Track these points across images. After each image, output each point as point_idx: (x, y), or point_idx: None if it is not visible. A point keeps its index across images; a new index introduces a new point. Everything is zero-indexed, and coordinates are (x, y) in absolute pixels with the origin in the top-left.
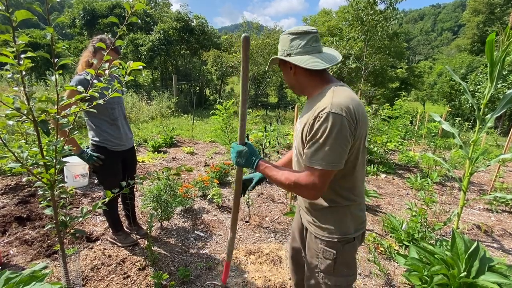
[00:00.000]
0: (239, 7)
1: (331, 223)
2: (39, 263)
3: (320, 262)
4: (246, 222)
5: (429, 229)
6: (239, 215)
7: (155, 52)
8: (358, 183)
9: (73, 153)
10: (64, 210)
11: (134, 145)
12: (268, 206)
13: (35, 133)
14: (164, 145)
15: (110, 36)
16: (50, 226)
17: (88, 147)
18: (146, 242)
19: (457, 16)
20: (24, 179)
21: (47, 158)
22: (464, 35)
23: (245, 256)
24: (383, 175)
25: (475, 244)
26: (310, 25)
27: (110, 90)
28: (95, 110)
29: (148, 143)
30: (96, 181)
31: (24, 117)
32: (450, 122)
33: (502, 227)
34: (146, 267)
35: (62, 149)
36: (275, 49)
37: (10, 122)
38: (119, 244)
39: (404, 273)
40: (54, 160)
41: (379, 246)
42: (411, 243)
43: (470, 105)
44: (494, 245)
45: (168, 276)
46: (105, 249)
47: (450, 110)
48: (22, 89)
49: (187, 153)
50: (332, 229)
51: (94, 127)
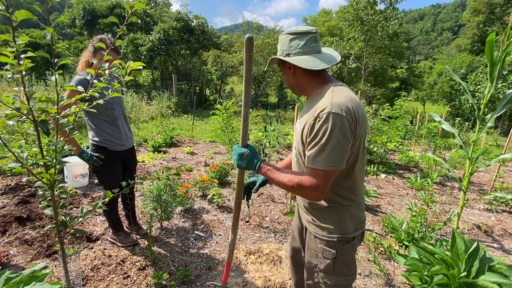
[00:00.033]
0: (239, 7)
1: (331, 223)
2: (39, 263)
3: (319, 261)
4: (246, 222)
5: (429, 229)
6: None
7: (155, 52)
8: (358, 183)
9: (73, 153)
10: (64, 210)
11: (134, 145)
12: (268, 206)
13: (35, 133)
14: (164, 145)
15: (110, 36)
16: (50, 226)
17: (88, 147)
18: (146, 242)
19: (457, 16)
20: (24, 179)
21: (47, 158)
22: (464, 35)
23: (245, 256)
24: (383, 175)
25: (475, 244)
26: (310, 25)
27: (110, 90)
28: (95, 110)
29: (148, 143)
30: (96, 181)
31: (24, 117)
32: (450, 122)
33: (502, 227)
34: (146, 267)
35: (62, 149)
36: (275, 49)
37: (10, 122)
38: (119, 244)
39: (404, 273)
40: (54, 160)
41: (379, 246)
42: (411, 243)
43: (470, 105)
44: (494, 245)
45: (168, 276)
46: (105, 249)
47: (450, 110)
48: (22, 89)
49: (187, 153)
50: (331, 228)
51: (94, 127)
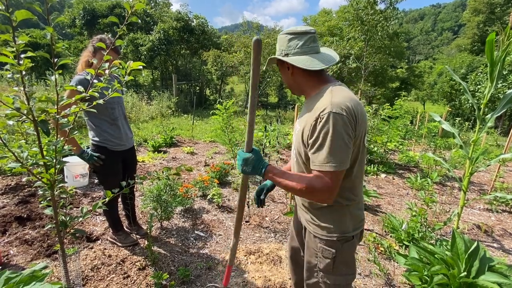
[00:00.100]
0: (239, 7)
1: (330, 222)
2: (39, 263)
3: (319, 261)
4: (246, 222)
5: (429, 229)
6: None
7: (155, 52)
8: (357, 183)
9: (73, 153)
10: (64, 210)
11: (134, 145)
12: (268, 206)
13: (35, 133)
14: (164, 145)
15: (110, 36)
16: (50, 226)
17: (88, 147)
18: (146, 242)
19: (457, 16)
20: (24, 179)
21: (47, 158)
22: (464, 35)
23: (245, 256)
24: (383, 175)
25: (475, 244)
26: (310, 25)
27: (110, 90)
28: (95, 110)
29: (148, 143)
30: (96, 181)
31: (24, 117)
32: (450, 122)
33: (502, 227)
34: (146, 267)
35: (62, 149)
36: (275, 49)
37: (10, 122)
38: (119, 244)
39: (404, 273)
40: (54, 160)
41: (379, 246)
42: (411, 243)
43: (470, 105)
44: (494, 245)
45: (168, 276)
46: (105, 249)
47: (450, 110)
48: (22, 89)
49: (187, 153)
50: (331, 228)
51: (94, 127)
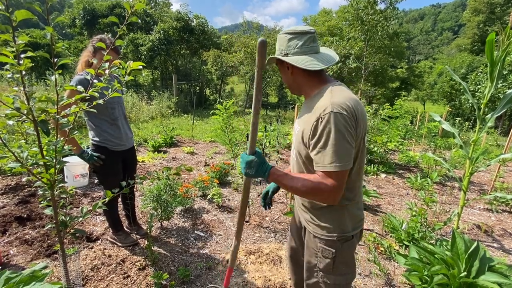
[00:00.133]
0: (239, 7)
1: (330, 222)
2: (39, 263)
3: (319, 261)
4: (246, 222)
5: (429, 229)
6: None
7: (155, 52)
8: (357, 183)
9: (73, 153)
10: (64, 210)
11: (134, 145)
12: None
13: (35, 133)
14: (164, 145)
15: (110, 36)
16: (50, 226)
17: (88, 147)
18: (146, 242)
19: (457, 15)
20: (24, 179)
21: (47, 158)
22: (464, 35)
23: (245, 256)
24: (383, 175)
25: (475, 244)
26: (310, 25)
27: (110, 90)
28: (95, 110)
29: (148, 143)
30: (96, 181)
31: (24, 117)
32: (450, 122)
33: (502, 227)
34: (146, 267)
35: (62, 149)
36: (275, 48)
37: (10, 122)
38: (119, 244)
39: (404, 273)
40: (54, 160)
41: (379, 246)
42: (411, 243)
43: (470, 105)
44: (494, 245)
45: (168, 276)
46: (105, 249)
47: (450, 110)
48: (22, 89)
49: (187, 153)
50: (331, 227)
51: (94, 127)
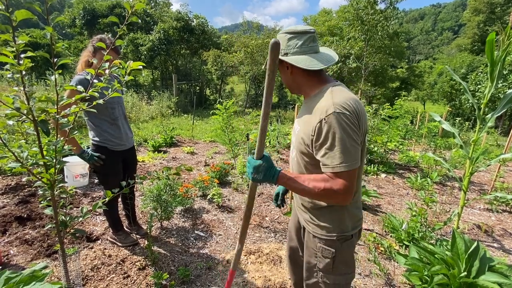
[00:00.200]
0: (239, 7)
1: (330, 222)
2: (39, 263)
3: (318, 261)
4: None
5: (429, 229)
6: (239, 215)
7: (155, 51)
8: (356, 182)
9: (73, 153)
10: (64, 210)
11: (134, 144)
12: (268, 206)
13: (35, 133)
14: (164, 144)
15: (110, 36)
16: (50, 226)
17: (88, 147)
18: (146, 242)
19: (457, 15)
20: (24, 179)
21: (47, 158)
22: (464, 35)
23: (245, 256)
24: (383, 175)
25: (475, 244)
26: (310, 24)
27: (110, 90)
28: (95, 110)
29: (148, 143)
30: (96, 180)
31: (24, 117)
32: (450, 121)
33: (502, 227)
34: (146, 267)
35: (62, 149)
36: None
37: (10, 122)
38: (119, 243)
39: (404, 273)
40: (54, 160)
41: (379, 246)
42: (411, 243)
43: (470, 104)
44: (495, 245)
45: (168, 276)
46: (105, 248)
47: (450, 109)
48: (22, 89)
49: (187, 152)
50: (330, 227)
51: (94, 127)
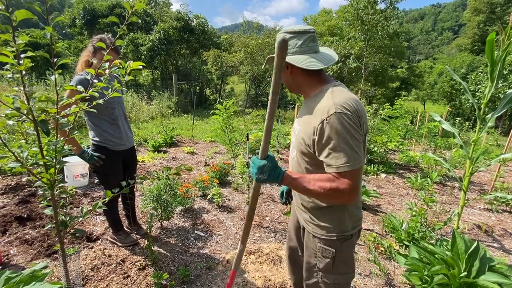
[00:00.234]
0: (239, 7)
1: (330, 222)
2: (39, 263)
3: (318, 261)
4: None
5: (429, 229)
6: (239, 215)
7: (155, 51)
8: None
9: (73, 153)
10: (64, 210)
11: (134, 144)
12: (268, 206)
13: (35, 133)
14: (164, 144)
15: (110, 35)
16: (50, 225)
17: (88, 147)
18: (146, 242)
19: (457, 15)
20: (24, 179)
21: (47, 158)
22: (464, 35)
23: (245, 256)
24: (383, 175)
25: (476, 244)
26: (310, 24)
27: (110, 89)
28: (95, 110)
29: (148, 143)
30: (96, 180)
31: (24, 117)
32: (450, 121)
33: (502, 227)
34: (146, 267)
35: (62, 149)
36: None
37: (10, 122)
38: (119, 243)
39: (404, 273)
40: (54, 160)
41: (379, 246)
42: (411, 243)
43: (470, 104)
44: (495, 245)
45: (168, 275)
46: (105, 248)
47: (450, 109)
48: (22, 88)
49: (187, 152)
50: (330, 227)
51: (94, 127)
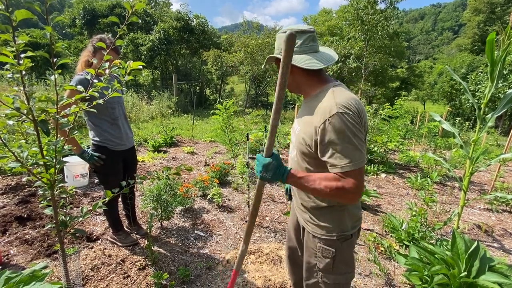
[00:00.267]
0: (239, 7)
1: (330, 222)
2: (39, 263)
3: (318, 261)
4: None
5: (429, 228)
6: (239, 215)
7: (155, 51)
8: None
9: (74, 153)
10: (64, 210)
11: (135, 144)
12: (268, 206)
13: (35, 133)
14: (164, 144)
15: (110, 35)
16: (50, 225)
17: (89, 147)
18: (146, 242)
19: (457, 15)
20: (24, 179)
21: (47, 158)
22: (464, 35)
23: (245, 255)
24: (384, 175)
25: (476, 244)
26: (310, 24)
27: (110, 89)
28: (95, 110)
29: (148, 143)
30: (96, 180)
31: (24, 116)
32: (450, 121)
33: (502, 227)
34: (146, 267)
35: (62, 148)
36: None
37: (10, 122)
38: (119, 243)
39: (404, 273)
40: (54, 159)
41: (379, 246)
42: (411, 243)
43: (470, 104)
44: (495, 245)
45: (168, 275)
46: (105, 248)
47: (450, 109)
48: (22, 88)
49: (187, 152)
50: (330, 227)
51: (94, 127)
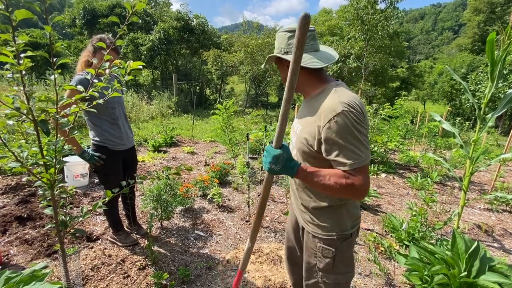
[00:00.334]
0: (239, 7)
1: (329, 221)
2: (39, 263)
3: (318, 261)
4: (247, 221)
5: (429, 228)
6: (239, 215)
7: (155, 51)
8: None
9: (74, 153)
10: (64, 210)
11: (135, 144)
12: (268, 205)
13: (35, 132)
14: (164, 144)
15: (110, 35)
16: (50, 225)
17: (89, 147)
18: (146, 242)
19: (457, 15)
20: (24, 179)
21: (47, 157)
22: (464, 35)
23: None
24: (384, 175)
25: (476, 243)
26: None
27: (110, 89)
28: (95, 110)
29: (148, 143)
30: (96, 180)
31: (24, 116)
32: (450, 121)
33: (502, 227)
34: (146, 267)
35: (62, 148)
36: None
37: (10, 122)
38: (119, 243)
39: (404, 272)
40: (54, 159)
41: (380, 245)
42: (412, 243)
43: (470, 104)
44: (495, 244)
45: (168, 275)
46: (105, 248)
47: (450, 109)
48: (22, 88)
49: (187, 152)
50: (330, 227)
51: (94, 127)
